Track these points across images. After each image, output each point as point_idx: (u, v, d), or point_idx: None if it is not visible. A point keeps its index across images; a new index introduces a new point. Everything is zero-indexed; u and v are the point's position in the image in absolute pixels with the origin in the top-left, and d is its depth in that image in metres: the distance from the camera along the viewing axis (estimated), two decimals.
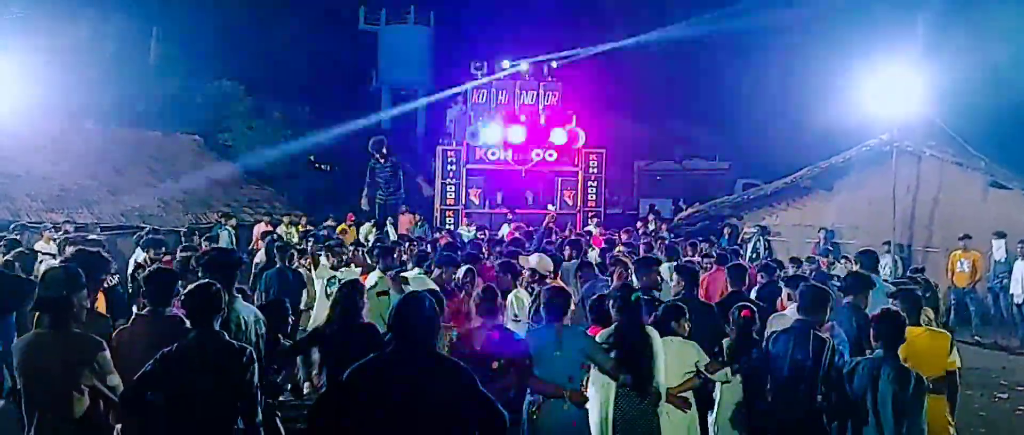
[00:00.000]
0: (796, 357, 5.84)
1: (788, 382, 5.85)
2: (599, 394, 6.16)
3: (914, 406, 5.27)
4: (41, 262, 9.26)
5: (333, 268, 9.72)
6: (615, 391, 6.10)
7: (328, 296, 9.41)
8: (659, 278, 8.38)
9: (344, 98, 32.58)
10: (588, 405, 6.02)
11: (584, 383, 6.03)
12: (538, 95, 22.04)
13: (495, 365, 5.76)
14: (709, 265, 11.11)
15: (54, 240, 12.60)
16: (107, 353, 4.99)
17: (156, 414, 4.77)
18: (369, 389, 4.09)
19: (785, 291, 7.64)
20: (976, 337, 14.65)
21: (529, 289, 8.49)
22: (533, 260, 9.22)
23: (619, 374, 6.00)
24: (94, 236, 12.11)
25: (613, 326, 6.31)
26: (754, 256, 17.04)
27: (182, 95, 28.09)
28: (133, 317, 5.42)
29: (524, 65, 22.53)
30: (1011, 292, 14.89)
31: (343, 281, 7.14)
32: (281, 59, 31.38)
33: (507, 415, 4.18)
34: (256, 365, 4.89)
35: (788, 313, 6.92)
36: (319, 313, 9.09)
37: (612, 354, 6.07)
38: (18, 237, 11.67)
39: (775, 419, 5.93)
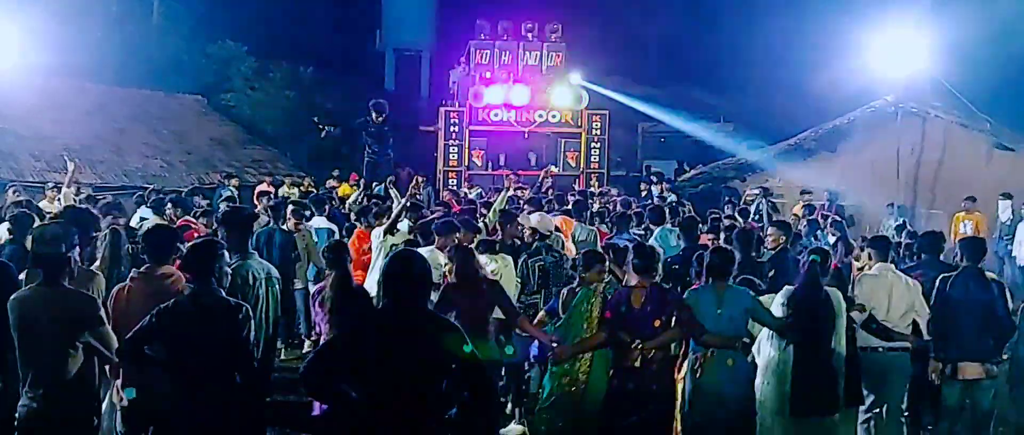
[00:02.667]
0: (982, 297, 6.73)
1: (978, 318, 6.73)
2: (774, 354, 6.23)
3: None
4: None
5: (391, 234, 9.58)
6: (791, 352, 6.16)
7: None
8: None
9: (347, 59, 32.43)
10: (758, 363, 6.23)
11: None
12: (541, 56, 21.88)
13: (657, 323, 5.91)
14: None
15: (58, 200, 12.63)
16: (102, 310, 5.04)
17: (154, 369, 4.85)
18: (360, 345, 4.12)
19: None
20: None
21: (527, 249, 8.45)
22: (534, 219, 9.08)
23: (790, 334, 6.09)
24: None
25: (792, 287, 6.36)
26: (757, 218, 16.99)
27: (185, 55, 27.99)
28: (131, 275, 5.44)
29: (528, 25, 22.35)
30: (1015, 255, 14.85)
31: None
32: (284, 19, 31.17)
33: (493, 375, 4.20)
34: (252, 322, 4.94)
35: (876, 270, 7.28)
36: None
37: (785, 314, 6.16)
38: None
39: (969, 349, 6.77)
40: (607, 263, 6.95)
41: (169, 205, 10.55)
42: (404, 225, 9.57)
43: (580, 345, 6.28)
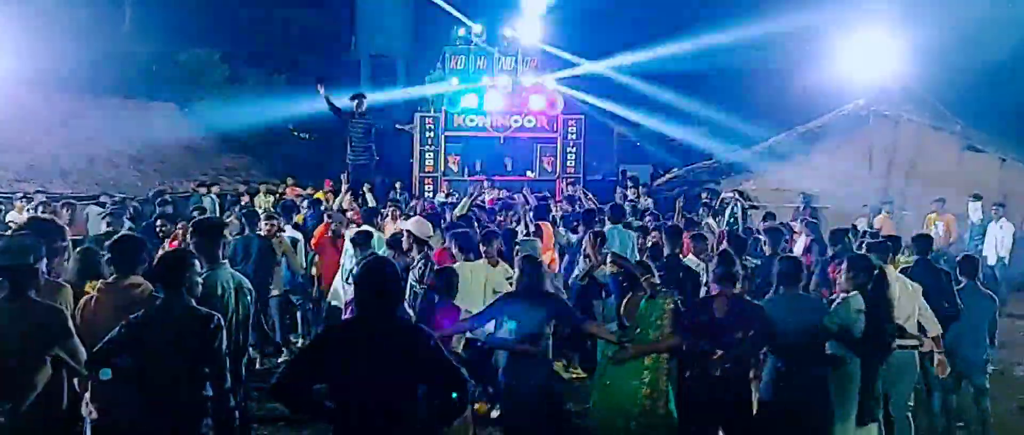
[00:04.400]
0: (931, 285, 7.34)
1: (928, 302, 7.13)
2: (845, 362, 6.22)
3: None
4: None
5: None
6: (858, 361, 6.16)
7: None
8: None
9: (323, 66, 32.28)
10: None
11: None
12: (517, 61, 21.91)
13: (739, 335, 5.78)
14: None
15: (28, 210, 12.50)
16: (70, 322, 4.96)
17: (125, 380, 4.76)
18: (334, 352, 4.12)
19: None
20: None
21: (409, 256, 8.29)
22: (411, 223, 8.81)
23: (858, 347, 6.08)
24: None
25: (858, 293, 6.28)
26: (731, 221, 17.06)
27: (157, 63, 27.74)
28: (98, 285, 5.37)
29: (504, 30, 22.36)
30: (984, 254, 14.97)
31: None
32: (258, 26, 30.98)
33: (468, 378, 4.19)
34: (223, 332, 4.86)
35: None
36: None
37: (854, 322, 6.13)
38: None
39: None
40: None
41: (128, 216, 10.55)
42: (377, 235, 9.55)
43: (651, 346, 6.14)
